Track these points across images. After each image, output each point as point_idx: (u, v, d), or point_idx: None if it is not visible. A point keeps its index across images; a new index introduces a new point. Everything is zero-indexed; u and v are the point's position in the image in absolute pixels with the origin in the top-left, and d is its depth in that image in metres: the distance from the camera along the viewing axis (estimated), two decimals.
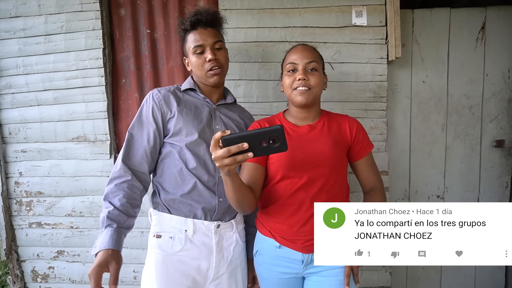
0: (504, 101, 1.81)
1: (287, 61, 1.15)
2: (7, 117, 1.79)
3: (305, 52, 1.13)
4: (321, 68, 1.15)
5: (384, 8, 1.64)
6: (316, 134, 1.14)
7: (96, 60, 1.70)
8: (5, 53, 1.75)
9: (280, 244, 1.12)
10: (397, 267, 1.89)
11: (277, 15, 1.67)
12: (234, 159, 0.78)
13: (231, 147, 0.77)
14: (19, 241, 1.86)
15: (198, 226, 1.13)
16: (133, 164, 1.11)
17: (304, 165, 1.09)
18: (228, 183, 0.94)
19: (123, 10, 1.74)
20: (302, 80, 1.09)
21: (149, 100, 1.16)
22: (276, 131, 0.77)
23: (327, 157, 1.10)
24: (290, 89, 1.12)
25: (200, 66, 1.19)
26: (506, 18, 1.76)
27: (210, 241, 1.15)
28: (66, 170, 1.78)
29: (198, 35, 1.19)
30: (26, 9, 1.71)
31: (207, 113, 1.20)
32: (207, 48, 1.18)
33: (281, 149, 0.79)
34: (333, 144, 1.12)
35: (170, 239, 1.12)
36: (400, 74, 1.80)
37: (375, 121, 1.70)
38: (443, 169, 1.86)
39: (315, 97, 1.13)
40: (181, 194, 1.13)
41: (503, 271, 1.91)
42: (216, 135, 0.78)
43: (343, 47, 1.67)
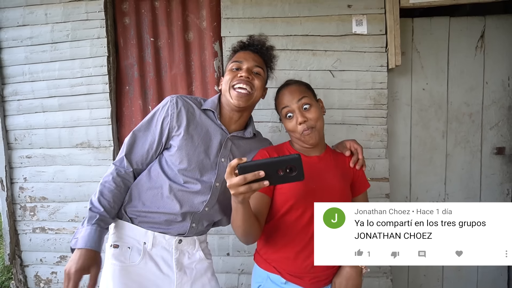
0: (504, 109, 1.82)
1: (280, 106, 1.13)
2: (13, 123, 1.82)
3: (292, 92, 1.10)
4: (313, 98, 1.13)
5: (384, 17, 1.66)
6: (326, 165, 1.13)
7: (101, 67, 1.73)
8: (12, 60, 1.79)
9: (286, 281, 1.09)
10: (398, 274, 1.89)
11: (279, 23, 1.69)
12: (250, 187, 0.75)
13: (247, 175, 0.74)
14: (23, 246, 1.88)
15: (158, 240, 1.07)
16: (135, 160, 1.09)
17: (316, 195, 1.06)
18: (239, 211, 0.91)
19: (128, 19, 1.77)
20: (303, 123, 1.07)
21: (164, 109, 1.09)
22: (293, 160, 0.75)
23: (338, 188, 1.09)
24: (296, 133, 1.10)
25: (227, 81, 1.08)
26: (505, 26, 1.78)
27: (170, 256, 1.09)
28: (70, 176, 1.81)
29: (242, 54, 1.12)
30: (33, 18, 1.76)
31: (218, 142, 1.10)
32: (244, 67, 1.08)
33: (298, 179, 0.77)
34: (341, 176, 1.12)
35: (128, 249, 1.05)
36: (400, 81, 1.82)
37: (375, 128, 1.71)
38: (443, 176, 1.86)
39: (320, 132, 1.12)
40: (152, 216, 1.07)
41: (505, 278, 1.90)
42: (232, 163, 0.75)
43: (343, 55, 1.69)
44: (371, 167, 1.73)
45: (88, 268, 0.90)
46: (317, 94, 1.67)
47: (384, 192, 1.74)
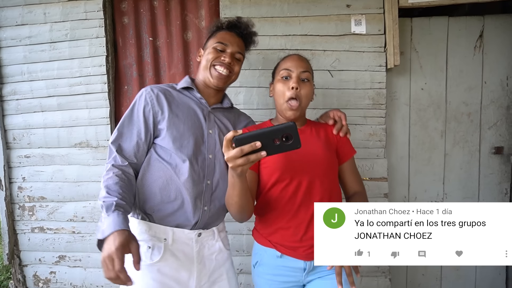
0: (503, 108, 1.83)
1: (281, 67, 1.16)
2: (12, 123, 1.82)
3: (300, 61, 1.14)
4: (312, 80, 1.17)
5: (383, 16, 1.66)
6: (306, 137, 1.15)
7: (100, 67, 1.73)
8: (11, 60, 1.79)
9: (281, 254, 1.10)
10: (397, 273, 1.89)
11: (278, 23, 1.69)
12: (247, 158, 0.76)
13: (243, 146, 0.75)
14: (22, 245, 1.88)
15: (177, 235, 1.09)
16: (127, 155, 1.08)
17: (300, 166, 1.08)
18: (237, 185, 0.92)
19: (126, 18, 1.77)
20: (295, 89, 1.09)
21: (141, 98, 1.12)
22: (289, 128, 0.75)
23: (321, 157, 1.10)
24: (282, 98, 1.12)
25: (209, 59, 1.15)
26: (504, 26, 1.78)
27: (191, 250, 1.10)
28: (68, 176, 1.81)
29: (228, 36, 1.19)
30: (32, 17, 1.75)
31: (201, 116, 1.15)
32: (228, 51, 1.17)
33: (295, 146, 0.77)
34: (324, 145, 1.13)
35: (149, 248, 1.06)
36: (399, 81, 1.82)
37: (374, 128, 1.71)
38: (442, 176, 1.87)
39: (303, 110, 1.15)
40: (165, 206, 1.09)
41: (503, 278, 1.90)
42: (228, 135, 0.76)
43: (342, 55, 1.69)
44: (369, 167, 1.73)
45: (127, 244, 0.86)
46: (316, 94, 1.68)
47: (382, 191, 1.74)
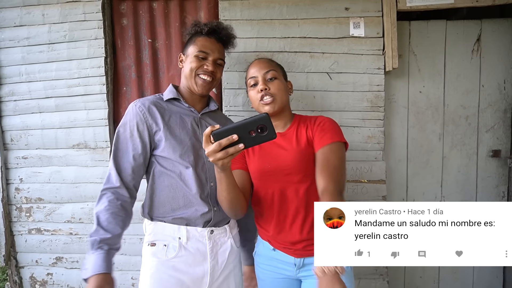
0: (500, 112, 1.83)
1: (247, 77, 1.20)
2: (9, 123, 1.81)
3: (261, 63, 1.18)
4: (281, 75, 1.19)
5: (382, 19, 1.67)
6: (285, 142, 1.15)
7: (98, 68, 1.73)
8: (9, 61, 1.78)
9: (274, 248, 1.16)
10: (395, 276, 1.89)
11: (276, 25, 1.70)
12: (226, 152, 0.79)
13: (221, 140, 0.78)
14: (18, 247, 1.87)
15: (191, 233, 1.14)
16: (124, 176, 1.11)
17: (274, 174, 1.12)
18: (223, 180, 0.95)
19: (125, 20, 1.77)
20: (263, 90, 1.12)
21: (133, 114, 1.14)
22: (262, 119, 0.78)
23: (295, 164, 1.10)
24: (257, 101, 1.15)
25: (193, 68, 1.19)
26: (501, 30, 1.80)
27: (204, 248, 1.15)
28: (66, 177, 1.80)
29: (208, 43, 1.21)
30: (30, 18, 1.75)
31: (193, 123, 1.20)
32: (210, 59, 1.20)
33: (270, 137, 0.80)
34: (301, 151, 1.11)
35: (164, 246, 1.12)
36: (397, 84, 1.83)
37: (372, 131, 1.72)
38: (440, 178, 1.87)
39: (281, 104, 1.15)
40: (175, 212, 1.14)
41: (500, 280, 1.91)
42: (207, 131, 0.79)
43: (341, 58, 1.69)
44: (368, 169, 1.73)
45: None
46: (315, 96, 1.68)
47: (380, 194, 1.74)
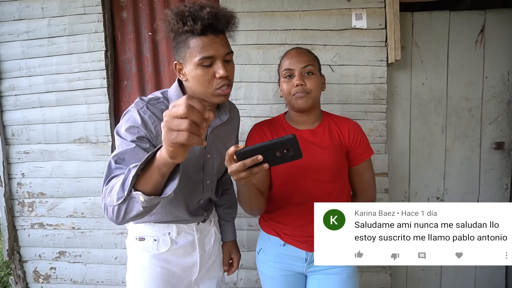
0: (504, 103, 1.82)
1: (282, 67, 1.14)
2: (10, 118, 1.81)
3: (300, 56, 1.11)
4: (317, 70, 1.14)
5: (384, 11, 1.65)
6: (317, 141, 1.13)
7: (98, 62, 1.72)
8: (9, 55, 1.77)
9: (284, 242, 1.14)
10: (397, 269, 1.90)
11: (278, 18, 1.68)
12: (250, 171, 0.77)
13: (245, 160, 0.75)
14: (21, 241, 1.88)
15: (180, 227, 1.13)
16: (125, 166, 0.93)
17: (305, 171, 1.09)
18: (245, 193, 0.98)
19: (125, 13, 1.76)
20: (299, 86, 1.08)
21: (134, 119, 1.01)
22: (289, 141, 0.76)
23: (328, 165, 1.10)
24: (289, 95, 1.11)
25: (207, 82, 0.94)
26: (505, 20, 1.77)
27: (193, 238, 1.15)
28: (68, 171, 1.80)
29: (208, 44, 0.92)
30: (30, 12, 1.74)
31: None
32: (218, 61, 0.94)
33: (296, 157, 0.78)
34: (333, 151, 1.12)
35: (155, 241, 1.10)
36: (400, 76, 1.81)
37: (374, 123, 1.71)
38: (442, 171, 1.86)
39: (314, 100, 1.12)
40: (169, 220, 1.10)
41: (503, 273, 1.91)
42: (230, 150, 0.77)
43: (343, 50, 1.68)
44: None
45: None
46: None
47: (383, 187, 1.74)
